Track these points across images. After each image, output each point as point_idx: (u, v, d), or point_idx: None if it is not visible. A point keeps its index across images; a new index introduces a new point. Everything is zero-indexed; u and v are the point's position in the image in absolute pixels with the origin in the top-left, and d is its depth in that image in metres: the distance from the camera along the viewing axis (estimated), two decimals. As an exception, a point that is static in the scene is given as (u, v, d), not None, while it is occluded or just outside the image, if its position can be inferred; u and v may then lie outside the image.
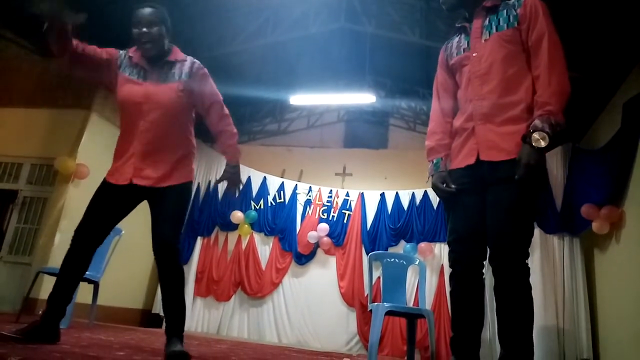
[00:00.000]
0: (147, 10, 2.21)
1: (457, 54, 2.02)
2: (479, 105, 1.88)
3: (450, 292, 1.94)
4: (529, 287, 1.75)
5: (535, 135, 1.69)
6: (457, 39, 2.06)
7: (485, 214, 1.85)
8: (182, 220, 2.27)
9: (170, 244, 2.15)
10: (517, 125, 1.79)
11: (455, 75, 2.06)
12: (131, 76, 2.25)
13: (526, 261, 1.76)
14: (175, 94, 2.22)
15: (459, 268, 1.89)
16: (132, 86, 2.23)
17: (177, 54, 2.32)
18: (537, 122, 1.72)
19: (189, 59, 2.32)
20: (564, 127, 1.73)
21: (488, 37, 1.92)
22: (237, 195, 2.60)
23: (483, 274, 1.89)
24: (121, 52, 2.32)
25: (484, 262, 1.89)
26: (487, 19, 1.96)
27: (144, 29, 2.18)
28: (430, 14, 6.07)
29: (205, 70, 2.33)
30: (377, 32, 6.48)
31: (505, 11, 1.93)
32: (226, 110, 2.39)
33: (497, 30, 1.91)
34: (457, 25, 2.08)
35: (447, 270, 2.00)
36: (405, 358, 3.87)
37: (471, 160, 1.88)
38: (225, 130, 2.38)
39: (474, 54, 1.94)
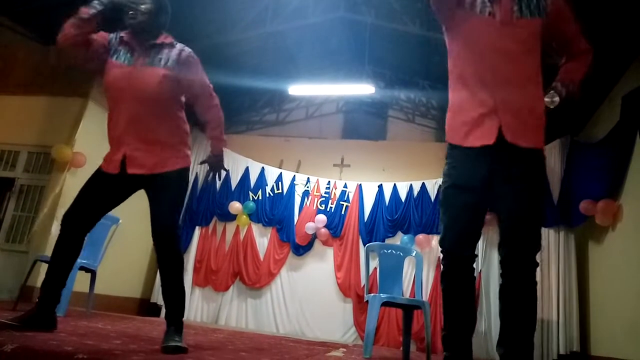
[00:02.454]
0: None
1: (479, 11, 1.89)
2: (505, 87, 1.82)
3: (443, 290, 1.89)
4: (536, 284, 1.78)
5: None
6: None
7: (480, 215, 1.87)
8: (180, 206, 2.27)
9: (169, 230, 2.15)
10: (540, 121, 1.86)
11: (461, 15, 1.91)
12: (117, 60, 2.23)
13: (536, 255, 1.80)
14: (158, 79, 2.18)
15: (453, 266, 1.85)
16: (116, 71, 2.21)
17: (167, 38, 2.29)
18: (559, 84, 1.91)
19: (179, 45, 2.28)
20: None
21: (519, 16, 1.85)
22: (219, 179, 2.63)
23: (474, 269, 1.87)
24: (111, 35, 2.29)
25: (475, 260, 1.88)
26: None
27: (132, 5, 2.18)
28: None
29: (195, 58, 2.28)
30: (377, 22, 6.44)
31: None
32: (214, 100, 2.36)
33: (530, 15, 1.86)
34: None
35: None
36: (401, 349, 3.89)
37: (490, 141, 1.80)
38: (211, 120, 2.38)
39: (502, 29, 1.84)
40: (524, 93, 1.83)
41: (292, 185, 7.55)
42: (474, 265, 1.87)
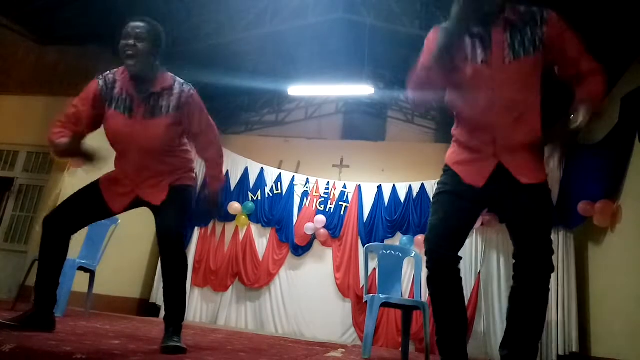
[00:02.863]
0: (139, 24, 2.14)
1: (471, 59, 1.81)
2: (505, 135, 1.80)
3: (431, 295, 1.86)
4: (548, 291, 1.78)
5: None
6: (468, 42, 1.82)
7: (471, 220, 1.87)
8: (185, 213, 2.28)
9: (174, 233, 2.15)
10: (539, 154, 1.86)
11: (455, 73, 1.86)
12: (117, 109, 2.18)
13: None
14: (162, 131, 2.17)
15: (437, 267, 1.83)
16: (118, 122, 2.18)
17: (165, 80, 2.22)
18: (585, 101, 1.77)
19: (177, 84, 2.23)
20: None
21: (513, 59, 1.76)
22: (212, 217, 2.68)
23: (459, 270, 1.85)
24: (100, 81, 2.24)
25: (460, 262, 1.86)
26: (509, 34, 1.78)
27: (130, 42, 2.10)
28: (430, 5, 6.03)
29: (194, 97, 2.24)
30: (376, 23, 6.44)
31: (528, 29, 1.78)
32: (214, 136, 2.37)
33: (524, 54, 1.76)
34: (469, 29, 1.81)
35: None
36: (400, 349, 3.89)
37: (480, 183, 1.82)
38: (210, 159, 2.39)
39: (497, 76, 1.77)
40: (524, 133, 1.81)
41: (291, 186, 7.55)
42: (459, 267, 1.85)
